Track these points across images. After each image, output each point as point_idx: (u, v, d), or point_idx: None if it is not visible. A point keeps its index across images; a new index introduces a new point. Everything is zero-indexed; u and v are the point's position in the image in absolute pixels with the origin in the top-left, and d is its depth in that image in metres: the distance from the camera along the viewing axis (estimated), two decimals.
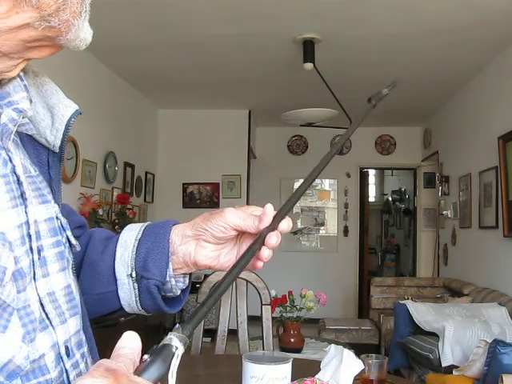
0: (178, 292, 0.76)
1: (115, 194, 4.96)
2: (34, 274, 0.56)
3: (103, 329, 3.52)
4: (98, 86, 4.65)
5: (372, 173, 9.70)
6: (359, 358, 1.29)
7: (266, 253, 0.66)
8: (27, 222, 0.56)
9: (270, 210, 0.66)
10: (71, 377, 0.59)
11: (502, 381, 2.33)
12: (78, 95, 4.20)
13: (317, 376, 1.22)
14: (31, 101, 0.60)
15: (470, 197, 4.84)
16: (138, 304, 0.74)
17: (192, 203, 6.38)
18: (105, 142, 4.84)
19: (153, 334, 4.64)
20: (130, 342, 0.45)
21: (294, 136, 7.25)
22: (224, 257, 0.73)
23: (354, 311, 7.13)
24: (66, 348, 0.60)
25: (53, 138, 0.65)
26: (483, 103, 4.62)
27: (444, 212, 5.77)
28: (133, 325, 4.02)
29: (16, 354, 0.51)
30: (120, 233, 0.77)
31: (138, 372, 0.43)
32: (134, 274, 0.72)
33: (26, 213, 0.56)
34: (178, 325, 0.48)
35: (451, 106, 5.62)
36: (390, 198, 10.14)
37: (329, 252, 7.31)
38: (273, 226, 0.65)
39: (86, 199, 4.22)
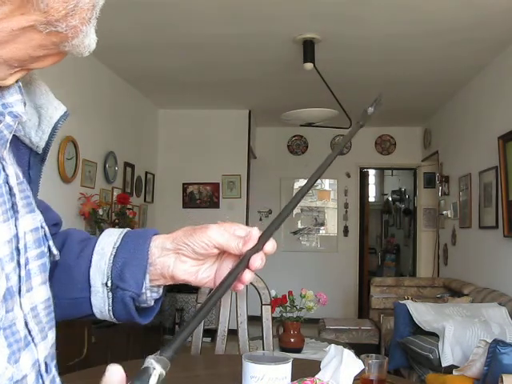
0: (152, 303, 0.74)
1: (115, 193, 4.96)
2: (20, 290, 0.54)
3: (103, 329, 3.52)
4: (97, 86, 4.66)
5: (372, 173, 9.70)
6: (359, 358, 1.29)
7: (248, 276, 0.64)
8: (17, 235, 0.54)
9: (255, 235, 0.64)
10: None
11: (502, 381, 2.33)
12: (78, 95, 4.20)
13: (317, 376, 1.22)
14: (25, 104, 0.58)
15: (470, 197, 4.84)
16: (111, 313, 0.72)
17: (192, 203, 6.39)
18: (105, 142, 4.84)
19: (153, 334, 4.64)
20: (113, 376, 0.45)
21: (294, 136, 7.25)
22: (203, 273, 0.70)
23: (354, 311, 7.13)
24: (45, 364, 0.58)
25: (38, 139, 0.63)
26: (483, 103, 4.62)
27: (444, 212, 5.77)
28: (133, 325, 4.01)
29: (1, 376, 0.49)
30: (98, 237, 0.73)
31: None
32: (109, 283, 0.69)
33: (15, 226, 0.54)
34: (158, 351, 0.48)
35: (451, 106, 5.62)
36: (390, 198, 10.15)
37: (329, 252, 7.31)
38: (257, 248, 0.63)
39: (86, 199, 4.22)
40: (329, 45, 4.05)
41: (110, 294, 0.70)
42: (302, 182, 7.56)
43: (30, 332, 0.55)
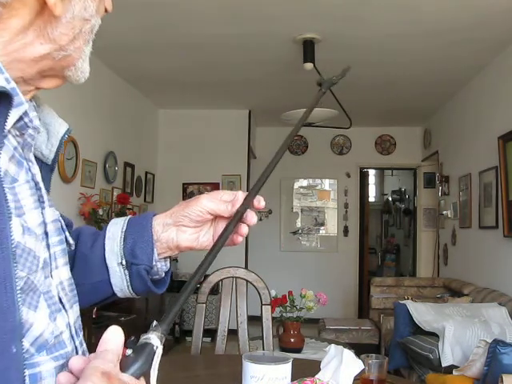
0: (163, 274, 0.88)
1: (115, 194, 4.96)
2: (50, 264, 0.66)
3: (103, 329, 3.52)
4: (98, 86, 4.65)
5: (372, 173, 9.70)
6: (359, 358, 1.29)
7: (245, 229, 0.80)
8: (44, 222, 0.65)
9: (241, 196, 0.79)
10: (79, 352, 0.69)
11: (502, 381, 2.33)
12: (78, 95, 4.20)
13: (317, 376, 1.22)
14: (40, 119, 0.69)
15: (470, 197, 4.84)
16: (130, 288, 0.84)
17: None
18: (105, 142, 4.84)
19: None
20: (114, 336, 0.52)
21: (294, 136, 7.24)
22: (202, 237, 0.84)
23: (354, 311, 7.13)
24: (75, 328, 0.70)
25: (47, 151, 0.74)
26: (483, 103, 4.62)
27: (444, 212, 5.77)
28: (133, 324, 4.02)
29: (45, 330, 0.60)
30: (106, 227, 0.86)
31: (123, 368, 0.50)
32: (123, 262, 0.82)
33: (42, 214, 0.65)
34: (155, 322, 0.55)
35: (451, 106, 5.62)
36: (390, 198, 10.14)
37: (329, 252, 7.31)
38: (247, 203, 0.76)
39: (86, 199, 4.22)
40: (329, 45, 4.05)
41: (127, 271, 0.83)
42: (302, 182, 7.57)
43: (60, 300, 0.67)
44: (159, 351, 0.52)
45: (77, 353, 0.69)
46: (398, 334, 3.89)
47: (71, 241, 0.76)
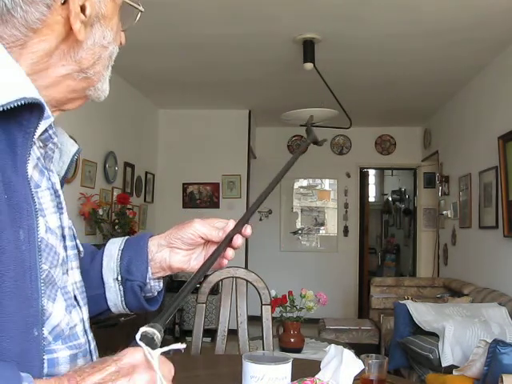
0: (156, 293, 0.93)
1: (115, 194, 4.96)
2: (67, 265, 0.72)
3: (104, 329, 3.52)
4: None
5: (372, 173, 9.70)
6: (359, 358, 1.29)
7: (230, 253, 0.85)
8: (61, 226, 0.72)
9: (232, 225, 0.85)
10: (92, 345, 0.76)
11: (502, 381, 2.33)
12: None
13: (317, 376, 1.22)
14: (57, 136, 0.76)
15: (470, 197, 4.84)
16: (123, 303, 0.90)
17: (192, 203, 6.38)
18: (105, 142, 4.84)
19: None
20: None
21: (294, 136, 7.25)
22: (194, 260, 0.90)
23: (354, 311, 7.13)
24: (88, 324, 0.76)
25: (59, 168, 0.81)
26: (483, 103, 4.62)
27: (444, 212, 5.77)
28: (133, 324, 4.02)
29: (62, 321, 0.67)
30: (105, 246, 0.93)
31: None
32: (119, 278, 0.88)
33: (60, 219, 0.72)
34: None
35: (451, 106, 5.62)
36: (390, 198, 10.14)
37: (329, 252, 7.31)
38: (237, 230, 0.82)
39: (86, 199, 4.22)
40: (329, 45, 4.05)
41: (121, 287, 0.88)
42: (302, 182, 7.57)
43: (75, 297, 0.74)
44: (141, 331, 0.59)
45: (89, 345, 0.75)
46: (398, 334, 3.88)
47: (81, 248, 0.81)
